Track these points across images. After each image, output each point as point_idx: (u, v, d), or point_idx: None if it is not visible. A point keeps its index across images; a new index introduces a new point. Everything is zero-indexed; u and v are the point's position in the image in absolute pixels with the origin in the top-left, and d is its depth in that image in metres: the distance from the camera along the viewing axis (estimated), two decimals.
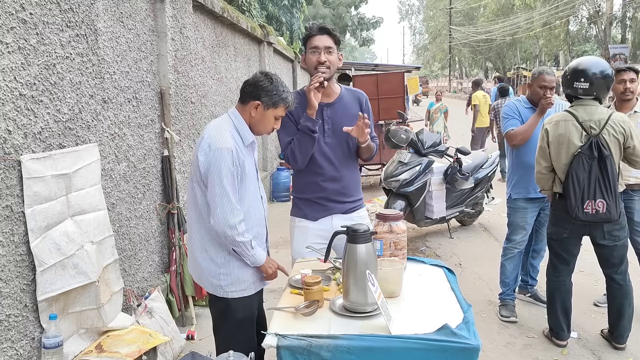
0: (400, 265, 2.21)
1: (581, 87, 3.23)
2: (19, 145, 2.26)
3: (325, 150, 2.73)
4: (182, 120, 4.22)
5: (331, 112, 2.74)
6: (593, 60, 3.31)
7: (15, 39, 2.24)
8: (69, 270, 2.53)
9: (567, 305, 3.52)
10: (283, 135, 2.74)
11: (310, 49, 2.68)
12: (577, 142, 3.20)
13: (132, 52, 3.41)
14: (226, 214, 2.26)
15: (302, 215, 2.84)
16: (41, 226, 2.36)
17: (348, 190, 2.82)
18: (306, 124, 2.62)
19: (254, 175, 2.47)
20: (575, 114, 3.25)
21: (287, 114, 2.64)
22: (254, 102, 2.38)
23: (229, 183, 2.27)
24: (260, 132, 2.48)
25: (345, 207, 2.82)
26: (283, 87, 2.42)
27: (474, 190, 6.26)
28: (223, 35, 5.87)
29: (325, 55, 2.63)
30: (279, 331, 1.83)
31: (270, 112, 2.39)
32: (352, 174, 2.84)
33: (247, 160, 2.39)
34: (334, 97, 2.77)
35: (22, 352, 2.30)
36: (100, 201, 2.85)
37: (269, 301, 4.30)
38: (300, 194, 2.85)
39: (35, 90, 2.38)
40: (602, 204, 3.14)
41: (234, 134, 2.36)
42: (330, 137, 2.73)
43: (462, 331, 1.79)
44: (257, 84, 2.38)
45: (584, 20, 35.41)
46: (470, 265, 5.24)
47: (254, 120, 2.41)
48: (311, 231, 2.79)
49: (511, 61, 45.59)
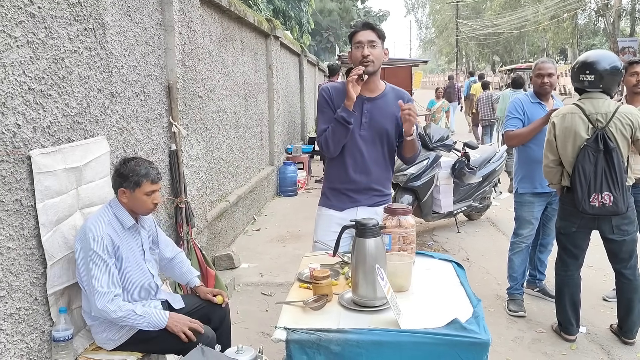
0: (409, 260, 2.20)
1: (587, 79, 3.22)
2: (28, 139, 2.27)
3: (358, 142, 2.76)
4: (189, 114, 4.22)
5: (371, 106, 2.77)
6: (601, 54, 3.29)
7: (24, 33, 2.24)
8: (74, 264, 2.53)
9: (575, 299, 3.51)
10: (321, 121, 2.81)
11: (355, 44, 2.72)
12: (584, 134, 3.19)
13: (139, 46, 3.41)
14: (93, 299, 2.37)
15: (328, 205, 2.90)
16: (52, 220, 2.37)
17: (376, 185, 2.84)
18: (342, 114, 2.66)
19: (136, 257, 2.58)
20: (582, 106, 3.23)
21: (328, 100, 2.78)
22: (120, 189, 2.52)
23: (95, 269, 2.37)
24: (142, 212, 2.59)
25: (371, 200, 2.84)
26: (140, 166, 2.53)
27: (482, 185, 6.23)
28: (230, 29, 5.85)
29: (368, 49, 2.66)
30: (288, 325, 1.83)
31: (137, 192, 2.51)
32: (382, 170, 2.86)
33: (126, 245, 2.52)
34: (377, 93, 2.80)
35: (32, 345, 2.31)
36: (108, 193, 2.86)
37: (277, 295, 4.32)
38: (330, 183, 2.91)
39: (44, 85, 2.38)
40: (608, 197, 3.12)
41: (111, 220, 2.49)
42: (365, 131, 2.76)
43: (472, 326, 1.78)
44: (116, 173, 2.54)
45: (592, 13, 35.10)
46: (477, 260, 5.22)
47: (128, 204, 2.54)
48: (335, 219, 2.82)
49: (518, 55, 45.28)
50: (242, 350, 2.05)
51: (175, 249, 2.92)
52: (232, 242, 5.73)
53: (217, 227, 5.15)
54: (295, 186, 8.33)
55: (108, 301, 2.35)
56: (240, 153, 6.30)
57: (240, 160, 6.30)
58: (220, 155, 5.45)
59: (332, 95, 2.79)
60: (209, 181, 4.98)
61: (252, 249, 5.58)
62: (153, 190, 2.54)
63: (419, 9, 72.72)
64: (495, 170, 6.38)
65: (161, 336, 2.47)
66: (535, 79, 3.86)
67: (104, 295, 2.36)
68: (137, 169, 2.50)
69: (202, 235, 4.50)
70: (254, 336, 3.58)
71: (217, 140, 5.35)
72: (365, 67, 2.63)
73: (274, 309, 2.67)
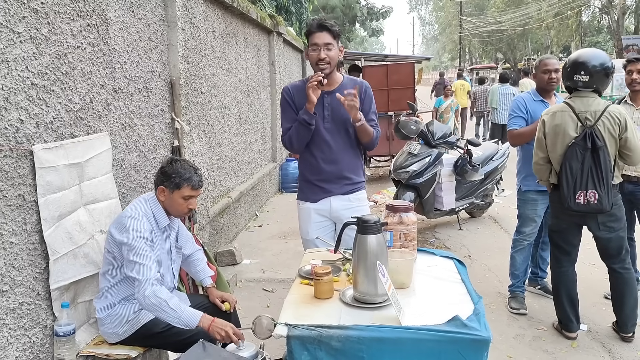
0: (410, 257, 2.20)
1: (581, 79, 3.24)
2: (31, 134, 2.27)
3: (324, 135, 2.88)
4: (192, 110, 4.23)
5: (331, 99, 2.86)
6: (593, 53, 3.30)
7: (27, 28, 2.25)
8: (80, 260, 2.55)
9: (572, 295, 3.52)
10: (283, 121, 2.95)
11: (311, 45, 2.81)
12: (572, 133, 3.22)
13: (142, 42, 3.41)
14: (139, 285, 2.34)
15: (304, 198, 3.04)
16: (54, 215, 2.38)
17: (346, 173, 2.95)
18: (303, 116, 2.79)
19: (164, 256, 2.61)
20: (572, 105, 3.26)
21: (289, 101, 2.91)
22: (159, 187, 2.56)
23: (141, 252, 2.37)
24: (175, 214, 2.63)
25: (343, 189, 2.96)
26: (185, 169, 2.54)
27: (484, 182, 6.23)
28: (233, 25, 5.85)
29: (324, 52, 2.76)
30: (290, 321, 1.84)
31: (176, 194, 2.53)
32: (351, 158, 2.96)
33: (158, 243, 2.54)
34: (334, 86, 2.90)
35: (34, 340, 2.32)
36: (112, 190, 2.87)
37: (278, 291, 4.33)
38: (303, 177, 3.04)
39: (47, 80, 2.38)
40: (593, 195, 3.16)
41: (149, 217, 2.51)
42: (329, 123, 2.88)
43: (472, 323, 1.79)
44: (160, 170, 2.58)
45: (596, 10, 34.95)
46: (479, 257, 5.22)
47: (165, 204, 2.58)
48: (313, 212, 2.98)
49: (522, 52, 45.12)
50: (244, 346, 2.07)
51: (194, 247, 2.94)
52: (234, 238, 5.74)
53: (219, 223, 5.16)
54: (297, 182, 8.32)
55: (148, 286, 2.30)
56: (242, 149, 6.30)
57: (242, 156, 6.31)
58: (222, 151, 5.45)
59: (293, 94, 2.90)
60: (211, 177, 4.99)
61: (254, 245, 5.59)
62: (191, 196, 2.57)
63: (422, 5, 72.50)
64: (497, 167, 6.37)
65: (164, 332, 2.48)
66: (542, 75, 3.83)
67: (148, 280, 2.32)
68: (181, 171, 2.53)
69: (204, 231, 4.51)
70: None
71: (220, 136, 5.35)
72: (322, 71, 2.74)
73: (276, 305, 2.68)
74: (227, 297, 2.79)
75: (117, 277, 2.50)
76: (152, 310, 2.32)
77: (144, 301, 2.30)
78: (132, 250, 2.35)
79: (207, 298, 2.80)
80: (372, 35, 33.05)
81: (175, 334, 2.46)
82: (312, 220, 2.98)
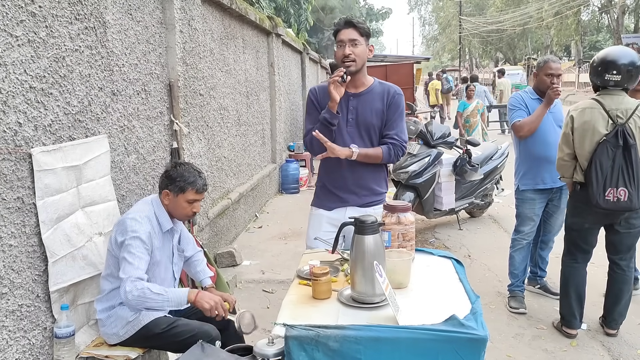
0: (408, 257, 2.21)
1: (613, 79, 3.22)
2: (29, 137, 2.28)
3: (346, 139, 2.75)
4: (191, 112, 4.23)
5: (357, 102, 2.77)
6: (622, 51, 3.29)
7: (25, 32, 2.26)
8: (79, 262, 2.56)
9: (581, 292, 3.53)
10: (307, 122, 2.86)
11: (337, 42, 2.72)
12: (603, 130, 3.20)
13: (140, 44, 3.42)
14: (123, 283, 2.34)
15: (319, 204, 2.92)
16: (52, 218, 2.39)
17: (366, 182, 2.80)
18: (325, 115, 2.69)
19: (166, 259, 2.62)
20: (602, 102, 3.25)
21: (314, 102, 2.80)
22: (164, 191, 2.58)
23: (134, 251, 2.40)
24: (179, 217, 2.66)
25: (362, 200, 2.81)
26: (189, 173, 2.56)
27: (484, 182, 6.23)
28: (231, 27, 5.86)
29: (350, 48, 2.66)
30: (287, 321, 1.84)
31: (180, 197, 2.55)
32: (375, 166, 2.81)
33: (160, 247, 2.55)
34: (362, 88, 2.79)
35: (34, 342, 2.33)
36: (110, 192, 2.88)
37: (278, 292, 4.33)
38: (321, 181, 2.93)
39: (45, 83, 2.39)
40: (624, 192, 3.14)
41: (152, 219, 2.52)
42: (352, 127, 2.76)
43: (469, 322, 1.79)
44: (165, 174, 2.61)
45: (596, 9, 34.94)
46: (479, 257, 5.22)
47: (169, 207, 2.59)
48: (325, 219, 2.86)
49: (522, 51, 45.11)
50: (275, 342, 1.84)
51: (194, 248, 2.96)
52: (234, 240, 5.75)
53: (219, 224, 5.17)
54: (298, 184, 8.34)
55: (129, 283, 2.31)
56: (242, 151, 6.31)
57: (242, 158, 6.32)
58: (222, 153, 5.46)
59: (319, 96, 2.81)
60: (211, 179, 5.00)
61: (254, 247, 5.59)
62: (195, 199, 2.58)
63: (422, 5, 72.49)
64: (497, 167, 6.38)
65: (163, 333, 2.49)
66: (545, 78, 3.78)
67: (130, 278, 2.32)
68: (185, 175, 2.54)
69: (203, 233, 4.52)
70: (255, 333, 3.59)
71: (219, 138, 5.36)
72: (347, 68, 2.63)
73: (275, 306, 2.69)
74: (227, 297, 2.79)
75: (118, 280, 2.50)
76: (138, 303, 2.32)
77: (126, 298, 2.31)
78: (126, 248, 2.38)
79: None
80: (372, 36, 33.06)
81: (174, 335, 2.47)
82: (322, 229, 2.83)
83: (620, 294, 3.44)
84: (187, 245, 2.88)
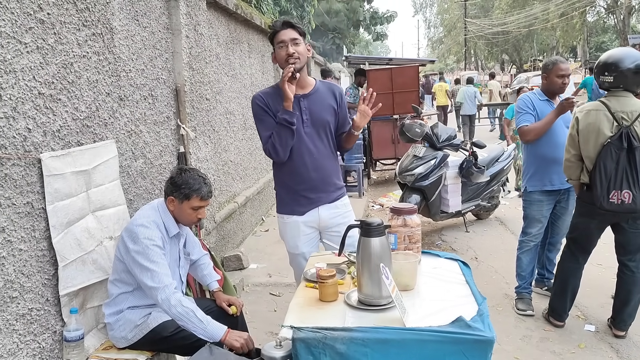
0: (414, 259, 2.21)
1: (606, 80, 3.26)
2: (38, 143, 2.31)
3: (305, 140, 2.79)
4: (197, 117, 4.26)
5: (308, 102, 2.81)
6: (623, 53, 3.30)
7: (34, 39, 2.28)
8: (89, 266, 2.58)
9: (576, 290, 3.62)
10: (262, 130, 2.80)
11: (278, 44, 2.74)
12: (607, 132, 3.20)
13: (147, 49, 3.45)
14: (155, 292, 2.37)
15: (289, 211, 2.90)
16: (63, 222, 2.41)
17: (331, 179, 2.90)
18: (283, 116, 2.69)
19: (172, 264, 2.62)
20: (607, 104, 3.26)
21: (264, 108, 2.77)
22: (169, 197, 2.58)
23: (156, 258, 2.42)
24: (184, 223, 2.66)
25: (330, 197, 2.90)
26: (194, 180, 2.55)
27: (490, 184, 6.22)
28: (237, 32, 5.89)
29: (292, 47, 2.70)
30: (295, 324, 1.85)
31: (185, 204, 2.55)
32: (332, 163, 2.93)
33: (167, 254, 2.53)
34: (309, 89, 2.85)
35: (44, 345, 2.35)
36: (119, 196, 2.90)
37: (285, 295, 4.34)
38: (285, 187, 2.91)
39: (54, 89, 2.42)
40: (628, 195, 3.14)
41: (159, 225, 2.52)
42: (309, 127, 2.80)
43: (476, 323, 1.79)
44: (170, 180, 2.60)
45: (602, 10, 34.80)
46: (486, 259, 5.21)
47: (175, 213, 2.60)
48: (302, 225, 2.89)
49: (528, 53, 44.99)
50: (283, 344, 1.84)
51: (200, 252, 2.97)
52: (241, 243, 5.77)
53: (226, 228, 5.19)
54: None
55: (170, 293, 2.34)
56: (248, 154, 6.33)
57: (248, 161, 6.34)
58: (228, 156, 5.48)
59: (267, 101, 2.78)
60: (217, 183, 5.02)
61: (261, 250, 5.61)
62: (200, 206, 2.58)
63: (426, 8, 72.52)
64: (503, 169, 6.37)
65: (172, 336, 2.50)
66: (556, 79, 3.80)
67: (167, 286, 2.35)
68: (190, 182, 2.54)
69: (210, 237, 4.54)
70: (262, 336, 3.60)
71: (225, 142, 5.38)
72: (293, 65, 2.66)
73: (282, 309, 2.70)
74: (234, 300, 2.81)
75: (127, 285, 2.53)
76: (177, 318, 2.34)
77: (169, 310, 2.33)
78: (147, 257, 2.38)
79: (214, 302, 2.82)
80: (377, 40, 33.10)
81: (183, 338, 2.48)
82: (301, 234, 2.88)
83: (629, 296, 3.43)
84: (193, 248, 2.89)
